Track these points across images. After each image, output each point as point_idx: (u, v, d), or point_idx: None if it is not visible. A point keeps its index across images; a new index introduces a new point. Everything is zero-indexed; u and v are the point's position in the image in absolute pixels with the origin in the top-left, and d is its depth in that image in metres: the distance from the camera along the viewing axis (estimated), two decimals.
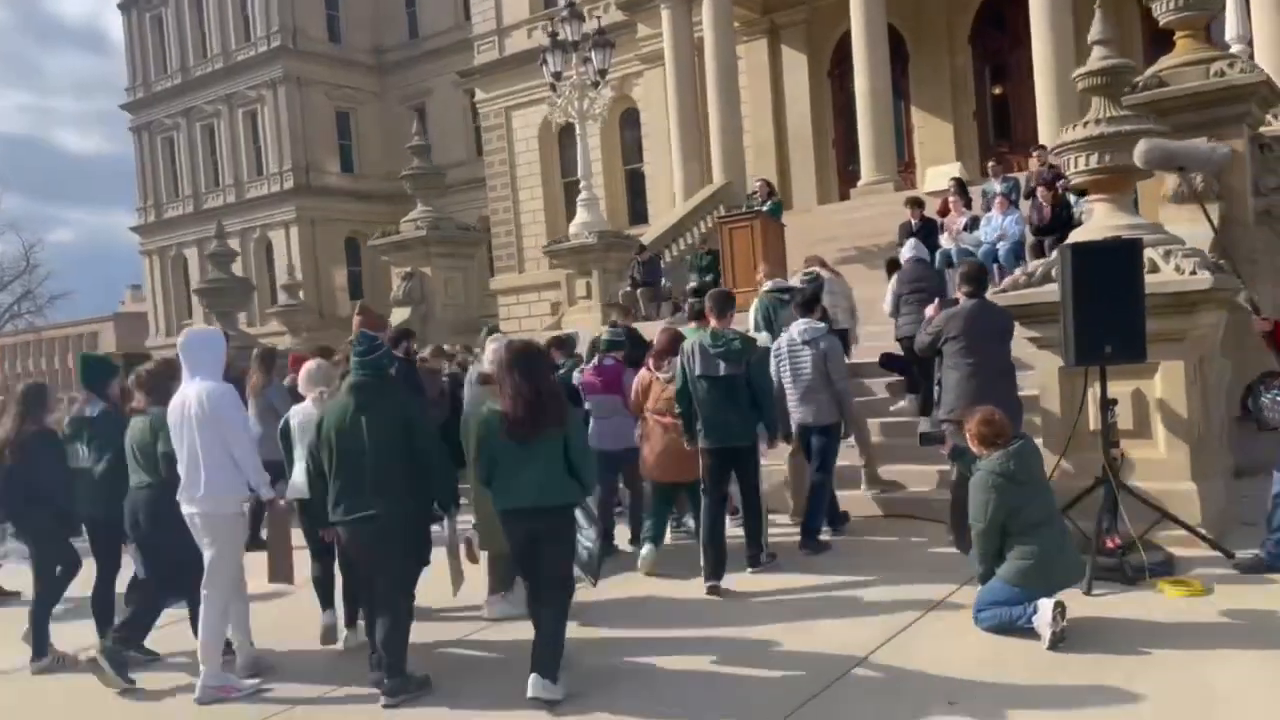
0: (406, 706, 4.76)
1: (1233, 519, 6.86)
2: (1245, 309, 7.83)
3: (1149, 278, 6.06)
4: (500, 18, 28.88)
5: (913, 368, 8.98)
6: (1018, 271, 7.10)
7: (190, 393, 5.17)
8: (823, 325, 7.52)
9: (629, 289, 14.68)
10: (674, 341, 7.03)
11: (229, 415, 5.16)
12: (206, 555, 5.20)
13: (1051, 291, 6.55)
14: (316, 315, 19.63)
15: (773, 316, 9.15)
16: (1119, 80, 6.87)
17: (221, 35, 39.85)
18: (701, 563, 6.34)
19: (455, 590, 5.66)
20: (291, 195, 37.87)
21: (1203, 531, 6.17)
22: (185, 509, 5.19)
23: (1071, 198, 12.67)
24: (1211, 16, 9.24)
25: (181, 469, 5.17)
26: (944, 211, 14.12)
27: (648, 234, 19.07)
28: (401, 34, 39.35)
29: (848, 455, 8.07)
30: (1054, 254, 6.89)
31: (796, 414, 7.41)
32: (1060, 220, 12.35)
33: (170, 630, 5.84)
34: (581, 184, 17.11)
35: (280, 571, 5.67)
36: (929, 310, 7.33)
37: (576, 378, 8.07)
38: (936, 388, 6.82)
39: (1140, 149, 6.29)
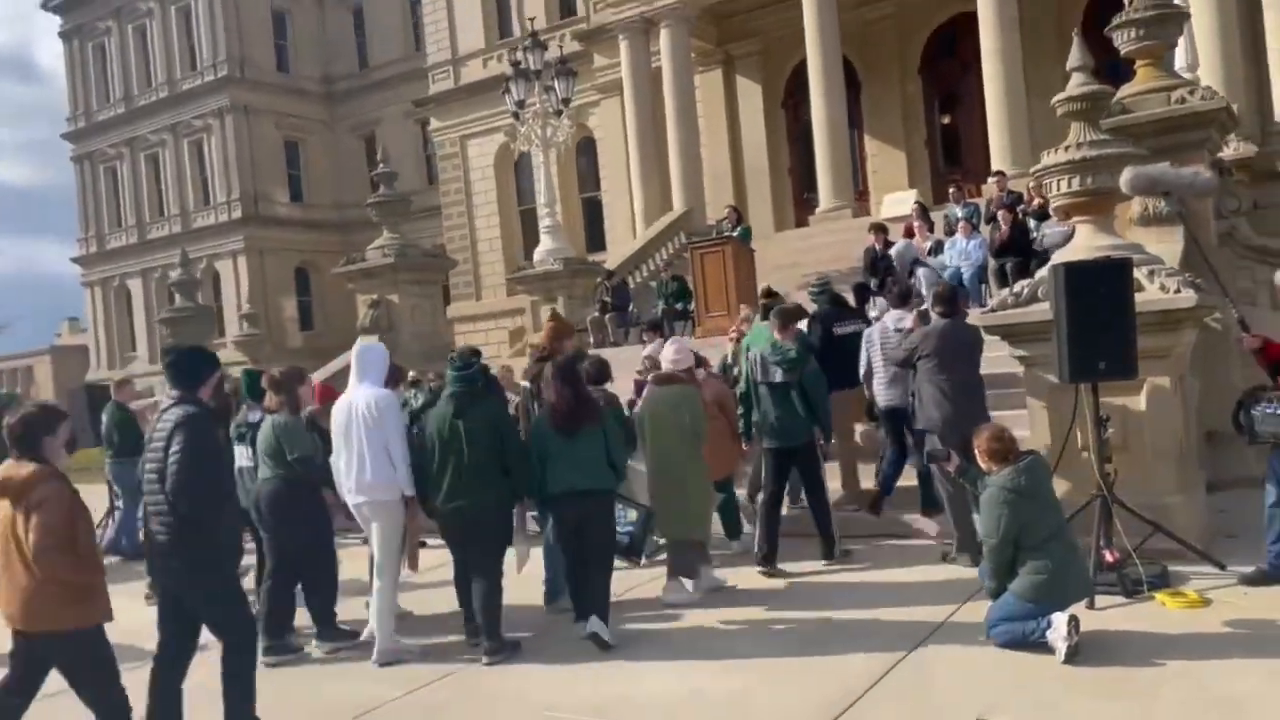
0: (505, 664, 5.69)
1: (1215, 532, 7.02)
2: (1214, 328, 8.10)
3: (1136, 296, 6.21)
4: (455, 48, 28.90)
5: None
6: (1004, 291, 7.25)
7: (359, 397, 6.00)
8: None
9: (598, 314, 14.68)
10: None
11: (391, 419, 5.96)
12: (374, 538, 6.04)
13: (1040, 311, 6.69)
14: (273, 345, 19.34)
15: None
16: (1098, 106, 7.07)
17: (166, 64, 39.30)
18: (755, 548, 7.26)
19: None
20: (240, 225, 37.35)
21: (1194, 544, 6.29)
22: (353, 499, 6.02)
23: (1030, 222, 13.00)
24: (1170, 45, 9.54)
25: (346, 463, 5.98)
26: (909, 234, 14.39)
27: (609, 260, 19.14)
28: (351, 64, 39.17)
29: None
30: (1039, 274, 7.03)
31: (884, 396, 7.96)
32: (1019, 244, 12.66)
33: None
34: (544, 211, 17.12)
35: (409, 560, 6.45)
36: (907, 322, 7.57)
37: None
38: (912, 399, 7.09)
39: (1126, 176, 6.47)
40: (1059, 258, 6.80)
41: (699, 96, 22.04)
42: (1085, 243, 6.97)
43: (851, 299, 13.15)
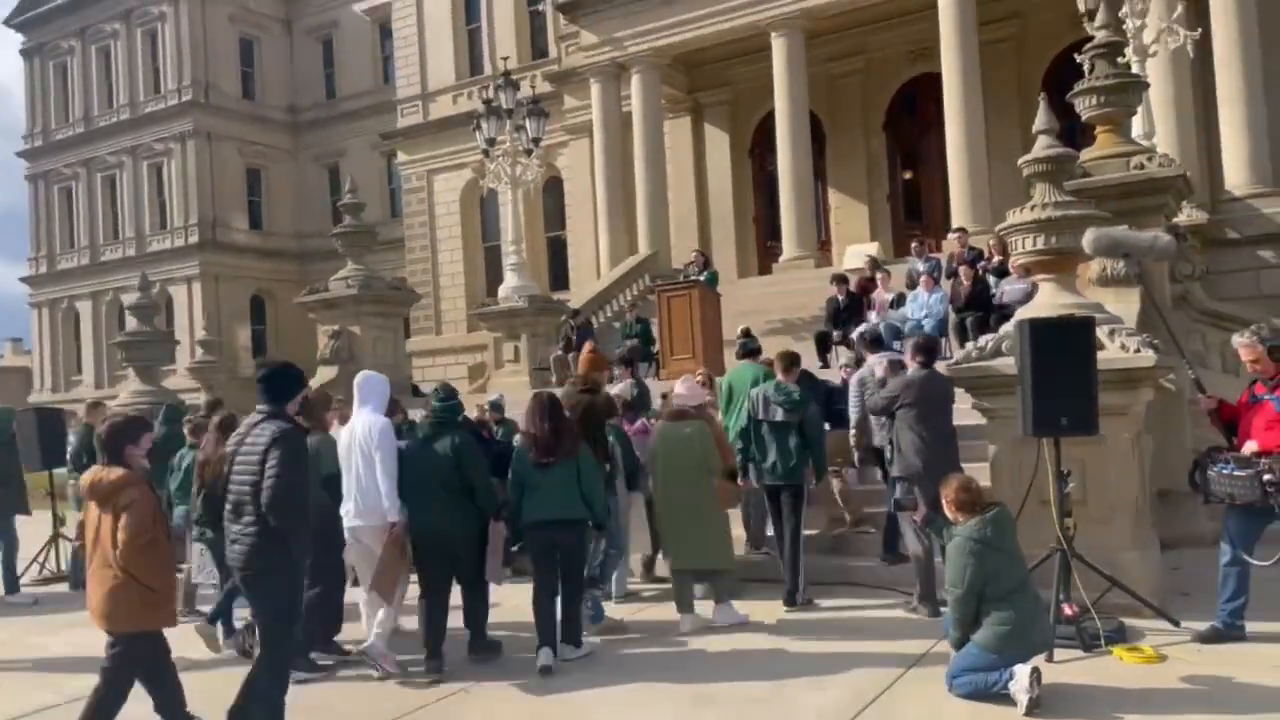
0: (488, 664, 6.34)
1: (1169, 589, 7.13)
2: (1168, 389, 8.29)
3: (1098, 354, 6.34)
4: (425, 83, 29.02)
5: None
6: (970, 345, 7.37)
7: (359, 423, 6.33)
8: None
9: (560, 353, 14.67)
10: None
11: (384, 446, 6.21)
12: (362, 562, 6.41)
13: (1004, 365, 6.81)
14: (227, 373, 19.07)
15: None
16: (1063, 168, 7.27)
17: (130, 86, 38.95)
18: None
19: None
20: (196, 250, 36.90)
21: (1150, 601, 6.39)
22: (349, 521, 6.29)
23: (991, 278, 13.27)
24: (1130, 112, 9.87)
25: (345, 487, 6.29)
26: (863, 289, 14.61)
27: (573, 300, 19.18)
28: (318, 94, 39.10)
29: None
30: (1003, 329, 7.17)
31: (881, 438, 8.06)
32: (980, 299, 12.91)
33: None
34: (511, 249, 17.14)
35: (386, 585, 6.41)
36: (879, 370, 7.65)
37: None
38: (889, 447, 7.13)
39: (1089, 237, 6.64)
40: (1023, 314, 6.93)
41: (668, 142, 22.30)
42: (1048, 300, 7.13)
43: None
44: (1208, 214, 15.20)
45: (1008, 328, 7.26)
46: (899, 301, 13.66)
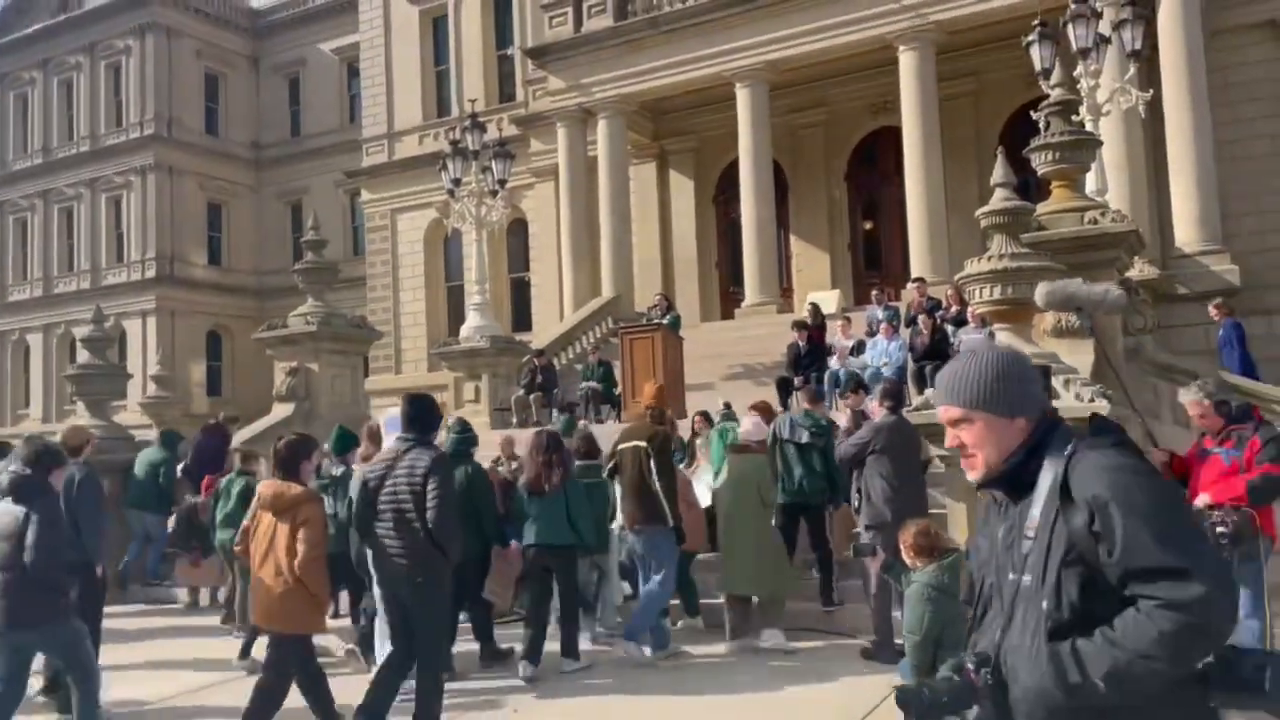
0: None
1: None
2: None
3: (1054, 404, 6.43)
4: (391, 122, 29.07)
5: None
6: (929, 392, 7.44)
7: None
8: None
9: (522, 393, 14.61)
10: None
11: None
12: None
13: None
14: (180, 409, 18.71)
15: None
16: (1019, 221, 7.43)
17: (91, 119, 38.60)
18: None
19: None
20: (153, 284, 36.41)
21: None
22: None
23: (949, 328, 13.46)
24: (1084, 169, 10.11)
25: None
26: (810, 338, 14.72)
27: (536, 341, 19.16)
28: (283, 131, 39.00)
29: None
30: None
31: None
32: (938, 348, 13.07)
33: None
34: (475, 289, 17.13)
35: None
36: (842, 421, 7.70)
37: None
38: (857, 495, 7.13)
39: (1041, 291, 6.71)
40: None
41: (633, 187, 22.47)
42: None
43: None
44: (1159, 269, 15.58)
45: None
46: (859, 349, 13.80)
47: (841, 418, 7.98)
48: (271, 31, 38.95)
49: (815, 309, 15.45)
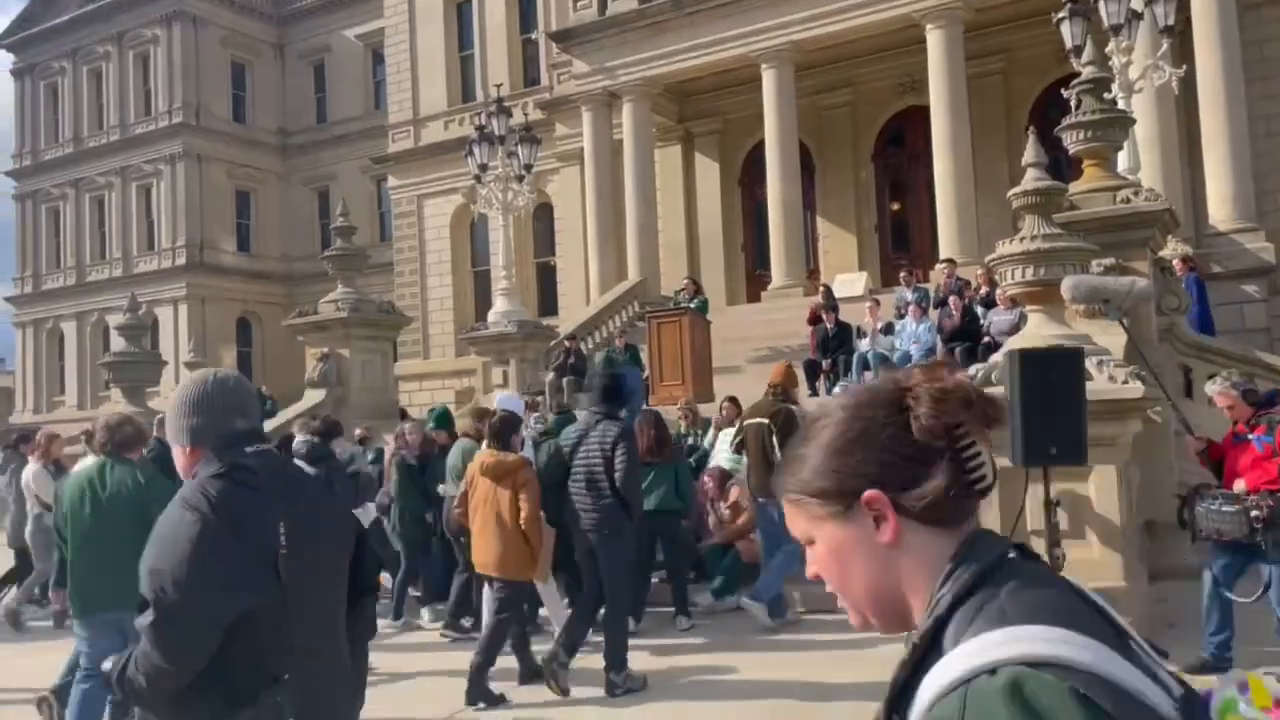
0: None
1: (1157, 620, 7.15)
2: (1155, 421, 8.34)
3: (1086, 385, 6.39)
4: (417, 108, 29.13)
5: None
6: (974, 368, 7.39)
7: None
8: None
9: (553, 376, 14.65)
10: None
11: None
12: None
13: (995, 395, 6.84)
14: None
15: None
16: (1052, 201, 7.35)
17: (120, 108, 38.97)
18: None
19: None
20: (183, 272, 36.80)
21: (1141, 634, 6.39)
22: None
23: (979, 309, 13.37)
24: (1117, 147, 10.00)
25: None
26: (814, 319, 14.68)
27: (563, 325, 19.21)
28: (309, 118, 39.19)
29: None
30: (993, 359, 7.22)
31: None
32: (968, 329, 13.00)
33: None
34: (502, 274, 17.17)
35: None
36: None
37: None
38: None
39: (1068, 285, 6.72)
40: (1012, 344, 6.98)
41: (658, 170, 22.41)
42: (1036, 331, 7.19)
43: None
44: (1192, 248, 15.37)
45: (997, 358, 7.32)
46: (888, 330, 13.74)
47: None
48: (296, 19, 39.10)
49: (827, 290, 15.36)
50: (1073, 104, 10.19)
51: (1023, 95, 20.62)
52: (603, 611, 6.39)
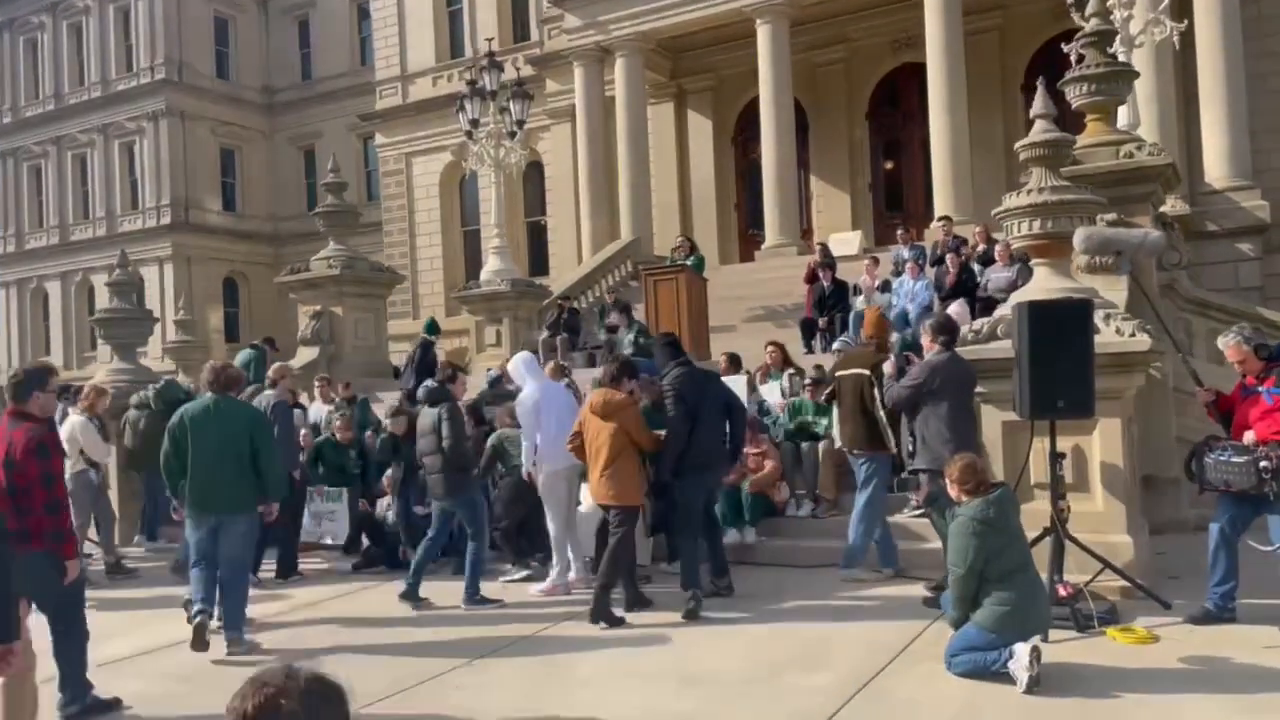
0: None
1: (1158, 572, 7.19)
2: (1154, 376, 8.33)
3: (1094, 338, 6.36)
4: (405, 65, 28.72)
5: None
6: (964, 329, 7.35)
7: (541, 390, 7.99)
8: None
9: (548, 335, 14.57)
10: None
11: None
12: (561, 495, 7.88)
13: (999, 348, 6.82)
14: (203, 355, 18.79)
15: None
16: (1060, 153, 7.27)
17: (101, 64, 38.27)
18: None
19: None
20: (168, 231, 36.37)
21: (1141, 583, 6.43)
22: (553, 465, 7.68)
23: (975, 266, 13.32)
24: (1120, 101, 9.90)
25: (545, 438, 7.73)
26: (810, 278, 14.62)
27: (556, 284, 19.08)
28: (294, 75, 38.59)
29: None
30: (998, 312, 7.18)
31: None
32: (965, 286, 12.95)
33: None
34: (494, 231, 17.03)
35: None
36: (886, 368, 7.45)
37: None
38: (910, 438, 6.84)
39: (1080, 236, 6.65)
40: (1020, 297, 6.93)
41: (650, 128, 22.17)
42: (1043, 285, 7.13)
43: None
44: (1189, 206, 15.35)
45: (1001, 311, 7.28)
46: (884, 288, 13.68)
47: (886, 365, 7.74)
48: None
49: (824, 248, 15.27)
50: (1074, 58, 10.08)
51: (1018, 52, 20.43)
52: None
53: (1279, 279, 16.07)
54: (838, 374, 7.93)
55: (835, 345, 11.17)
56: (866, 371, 7.61)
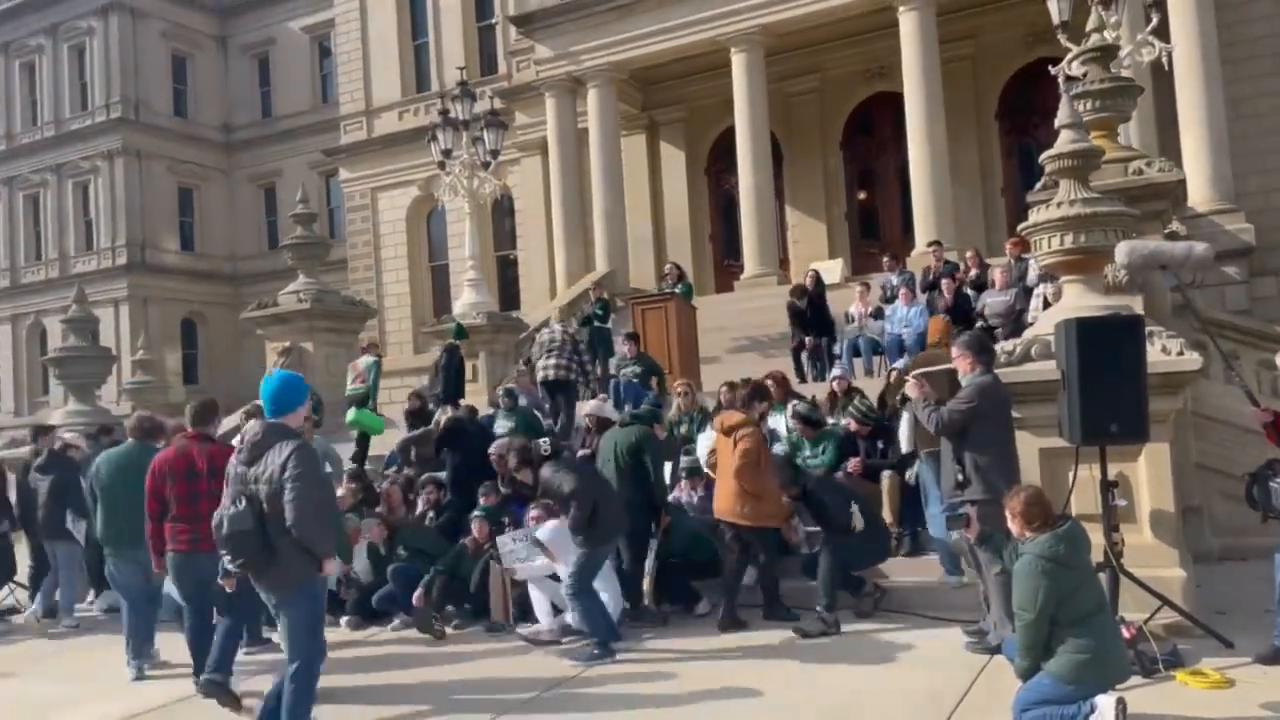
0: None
1: (1204, 607, 6.74)
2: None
3: None
4: (370, 99, 28.22)
5: None
6: (996, 348, 6.89)
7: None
8: None
9: (524, 367, 13.99)
10: None
11: None
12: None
13: (1038, 371, 6.37)
14: (161, 397, 17.99)
15: None
16: (1088, 163, 6.90)
17: (55, 103, 37.36)
18: None
19: None
20: (124, 272, 35.35)
21: (1201, 621, 5.97)
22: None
23: (970, 291, 12.99)
24: (1125, 117, 9.63)
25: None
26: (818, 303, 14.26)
27: (530, 318, 18.53)
28: (254, 113, 37.93)
29: None
30: (1029, 334, 6.75)
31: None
32: (961, 311, 12.60)
33: None
34: (469, 264, 16.48)
35: None
36: (912, 392, 6.66)
37: None
38: (957, 467, 6.01)
39: (1122, 250, 6.26)
40: (1055, 315, 6.51)
41: (623, 159, 21.80)
42: (1075, 303, 6.72)
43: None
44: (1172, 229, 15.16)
45: (1034, 332, 6.86)
46: (877, 315, 13.31)
47: (910, 388, 7.15)
48: (239, 10, 37.84)
49: (816, 276, 14.92)
50: (1061, 79, 9.90)
51: (991, 80, 20.38)
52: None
53: (1266, 302, 15.95)
54: (922, 371, 6.87)
55: (834, 371, 10.75)
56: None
